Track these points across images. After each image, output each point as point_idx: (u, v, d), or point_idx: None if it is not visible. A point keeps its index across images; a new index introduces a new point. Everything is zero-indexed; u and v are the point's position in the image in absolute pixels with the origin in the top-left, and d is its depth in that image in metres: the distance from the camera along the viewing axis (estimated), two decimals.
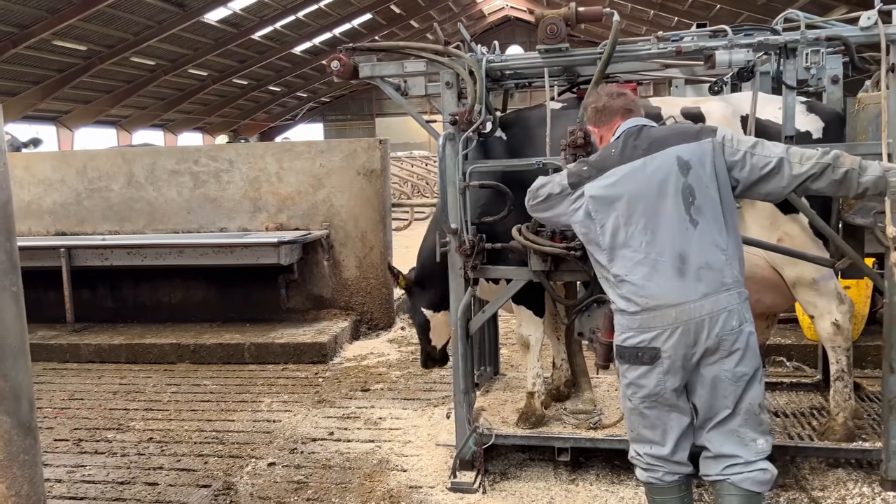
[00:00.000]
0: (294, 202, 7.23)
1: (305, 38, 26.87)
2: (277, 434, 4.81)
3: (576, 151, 3.37)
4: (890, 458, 3.54)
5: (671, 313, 2.73)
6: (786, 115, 3.47)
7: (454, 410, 4.01)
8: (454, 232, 3.77)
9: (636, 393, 2.88)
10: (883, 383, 3.57)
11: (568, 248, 3.51)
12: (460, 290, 3.89)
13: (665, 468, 2.93)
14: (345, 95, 38.46)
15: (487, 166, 3.80)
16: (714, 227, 2.77)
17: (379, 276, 7.20)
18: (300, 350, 6.42)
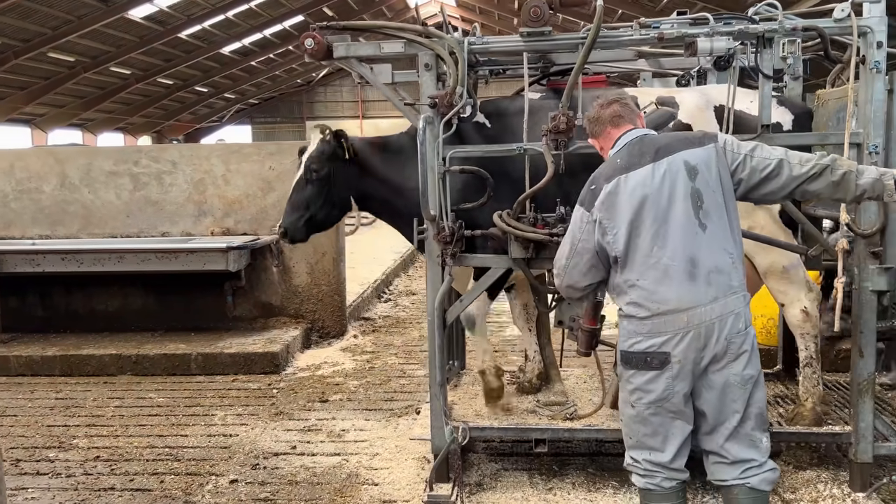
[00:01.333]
0: (242, 206, 6.96)
1: (235, 39, 26.13)
2: (236, 449, 4.58)
3: (557, 137, 3.42)
4: (859, 441, 3.62)
5: (683, 317, 2.75)
6: (762, 105, 3.51)
7: (430, 403, 3.88)
8: (433, 218, 3.65)
9: (641, 399, 2.86)
10: (852, 367, 3.66)
11: (550, 235, 3.48)
12: (437, 279, 3.77)
13: (664, 474, 2.91)
14: (274, 98, 37.65)
15: (467, 151, 3.70)
16: (721, 231, 2.80)
17: (331, 282, 7.00)
18: (251, 360, 6.16)
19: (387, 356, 6.60)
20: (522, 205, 3.62)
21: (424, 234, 3.76)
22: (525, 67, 3.79)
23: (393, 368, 6.22)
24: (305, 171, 4.14)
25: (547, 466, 4.17)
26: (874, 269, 3.51)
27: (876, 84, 3.39)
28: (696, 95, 3.92)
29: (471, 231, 3.71)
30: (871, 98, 3.40)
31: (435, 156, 3.61)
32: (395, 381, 5.88)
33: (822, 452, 4.14)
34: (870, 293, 3.53)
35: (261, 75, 31.66)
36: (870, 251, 3.50)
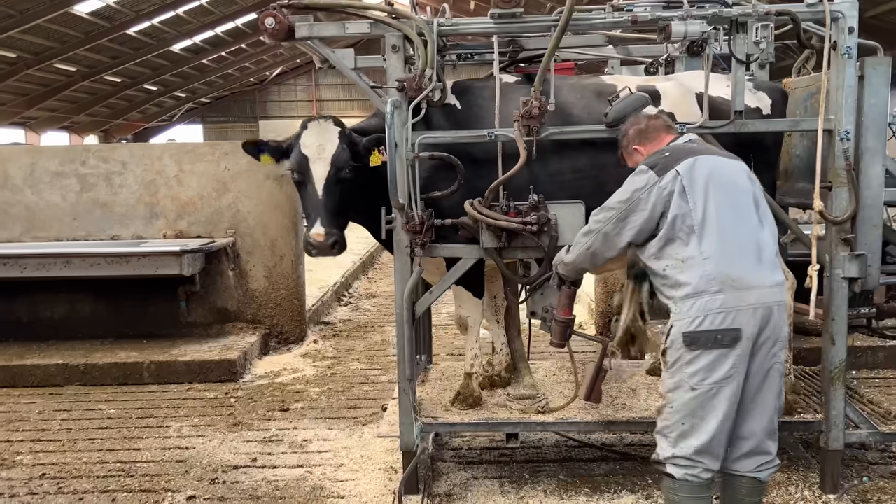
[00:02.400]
0: (196, 208, 6.71)
1: (185, 36, 25.48)
2: (193, 463, 4.37)
3: (530, 122, 3.37)
4: (831, 429, 3.62)
5: (753, 294, 2.81)
6: (735, 90, 3.49)
7: (398, 399, 3.75)
8: (401, 207, 3.52)
9: (705, 380, 2.81)
10: (823, 355, 3.66)
11: (524, 223, 3.40)
12: (406, 271, 3.65)
13: (705, 465, 2.87)
14: (226, 97, 36.92)
15: (437, 137, 3.58)
16: (771, 231, 3.00)
17: (290, 286, 6.80)
18: (207, 368, 5.92)
19: (349, 362, 6.44)
20: (494, 192, 3.52)
21: (392, 224, 3.61)
22: (496, 51, 3.68)
23: (355, 374, 6.06)
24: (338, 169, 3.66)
25: (518, 474, 4.07)
26: (845, 256, 3.51)
27: (847, 70, 3.38)
28: (675, 84, 3.90)
29: (441, 220, 3.58)
30: (843, 84, 3.40)
31: (403, 142, 3.48)
32: (358, 387, 5.72)
33: (790, 454, 4.14)
34: (841, 280, 3.53)
35: (213, 74, 31.00)
36: (841, 238, 3.50)
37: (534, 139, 3.43)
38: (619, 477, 4.00)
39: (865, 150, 3.46)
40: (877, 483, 3.81)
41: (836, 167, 3.46)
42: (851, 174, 3.43)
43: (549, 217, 3.45)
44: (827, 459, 3.69)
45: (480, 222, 3.49)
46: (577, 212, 3.51)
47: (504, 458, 4.28)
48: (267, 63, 32.67)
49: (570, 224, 3.48)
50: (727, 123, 3.48)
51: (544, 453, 4.35)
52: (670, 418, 2.92)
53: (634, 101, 3.47)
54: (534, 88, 3.40)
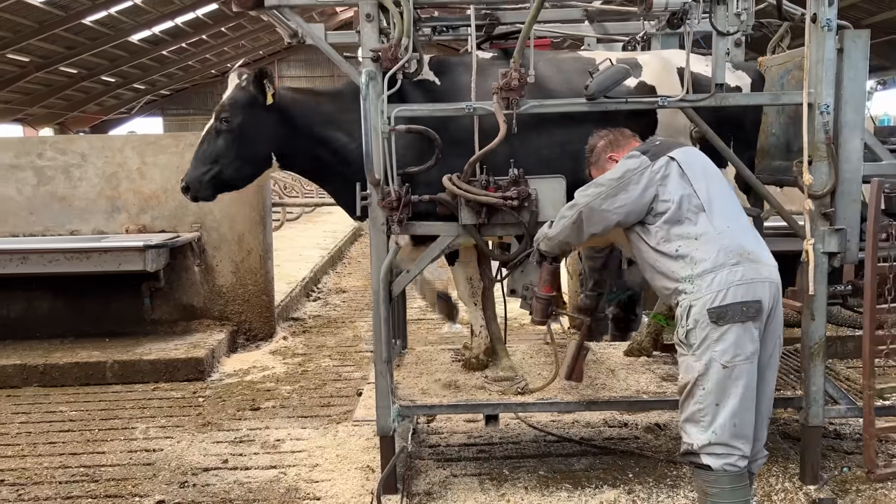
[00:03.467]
0: (159, 201, 6.50)
1: (144, 26, 24.85)
2: (161, 465, 4.21)
3: (509, 95, 3.29)
4: (811, 405, 3.62)
5: (765, 269, 2.86)
6: (715, 64, 3.44)
7: (375, 381, 3.62)
8: (377, 183, 3.40)
9: (738, 355, 2.76)
10: (803, 331, 3.65)
11: (504, 198, 3.32)
12: (382, 249, 3.53)
13: (741, 450, 2.82)
14: (187, 88, 36.18)
15: (413, 110, 3.46)
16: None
17: (258, 281, 6.63)
18: (173, 366, 5.74)
19: (320, 358, 6.31)
20: (473, 167, 3.42)
21: (368, 201, 3.49)
22: (472, 23, 3.58)
23: (327, 371, 5.93)
24: (216, 120, 3.72)
25: (497, 470, 4.00)
26: (825, 231, 3.49)
27: (827, 43, 3.35)
28: (656, 57, 3.87)
29: (418, 196, 3.47)
30: (823, 57, 3.37)
31: (378, 115, 3.37)
32: (330, 384, 5.60)
33: (770, 445, 4.13)
34: (821, 255, 3.52)
35: (172, 65, 30.33)
36: (821, 213, 3.49)
37: (513, 112, 3.34)
38: (600, 471, 3.96)
39: (844, 125, 3.45)
40: (854, 473, 3.82)
41: (815, 141, 3.43)
42: (831, 148, 3.41)
43: (529, 192, 3.37)
44: (807, 435, 3.67)
45: (459, 198, 3.39)
46: (557, 186, 3.44)
47: (483, 455, 4.21)
48: (229, 55, 32.07)
49: (551, 199, 3.41)
50: (708, 97, 3.43)
51: (523, 449, 4.29)
52: (703, 401, 2.81)
53: (616, 72, 3.39)
54: (513, 60, 3.31)
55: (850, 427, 4.45)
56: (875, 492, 3.67)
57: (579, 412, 4.45)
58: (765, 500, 3.60)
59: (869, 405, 3.46)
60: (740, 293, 2.77)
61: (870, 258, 3.39)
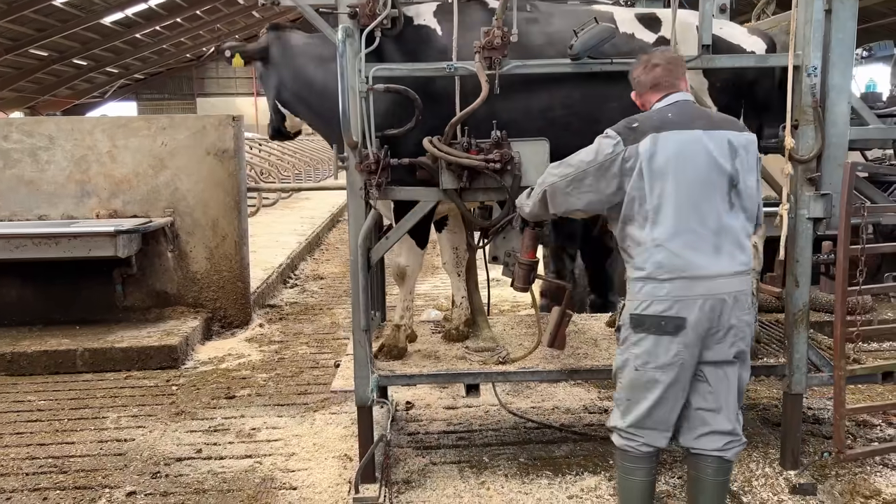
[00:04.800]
0: (131, 186, 6.33)
1: (117, 8, 24.37)
2: (132, 456, 4.10)
3: (491, 54, 3.19)
4: (794, 373, 3.61)
5: (703, 285, 2.75)
6: (702, 25, 3.38)
7: (353, 351, 3.53)
8: (355, 145, 3.30)
9: (648, 363, 2.82)
10: (787, 298, 3.63)
11: (486, 161, 3.23)
12: (360, 214, 3.42)
13: (644, 439, 2.90)
14: (162, 73, 35.62)
15: (392, 69, 3.35)
16: (745, 214, 2.87)
17: (233, 267, 6.50)
18: (146, 354, 5.61)
19: (297, 346, 6.20)
20: (454, 129, 3.32)
21: (345, 164, 3.38)
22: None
23: (304, 359, 5.83)
24: None
25: (477, 458, 3.95)
26: (810, 196, 3.47)
27: (815, 3, 3.32)
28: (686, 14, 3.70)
29: (397, 160, 3.36)
30: (811, 18, 3.33)
31: (356, 74, 3.25)
32: (307, 372, 5.50)
33: (750, 430, 4.12)
34: (806, 220, 3.50)
35: (146, 49, 29.81)
36: (806, 178, 3.46)
37: (496, 73, 3.24)
38: (580, 458, 3.92)
39: (832, 88, 3.41)
40: (834, 458, 3.82)
41: (802, 104, 3.40)
42: (818, 111, 3.38)
43: (512, 155, 3.28)
44: (789, 403, 3.66)
45: (440, 160, 3.29)
46: (540, 150, 3.34)
47: (463, 442, 4.15)
48: (204, 38, 31.58)
49: (534, 163, 3.32)
50: (695, 58, 3.36)
51: (503, 436, 4.24)
52: (619, 393, 2.97)
53: (601, 31, 3.28)
54: (496, 17, 3.21)
55: (828, 412, 4.46)
56: (854, 476, 3.67)
57: (559, 404, 4.40)
58: (745, 485, 3.59)
59: (840, 386, 3.45)
60: (661, 308, 2.77)
61: (842, 240, 3.36)
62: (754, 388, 4.81)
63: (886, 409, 4.17)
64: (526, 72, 3.36)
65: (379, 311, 4.54)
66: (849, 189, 3.27)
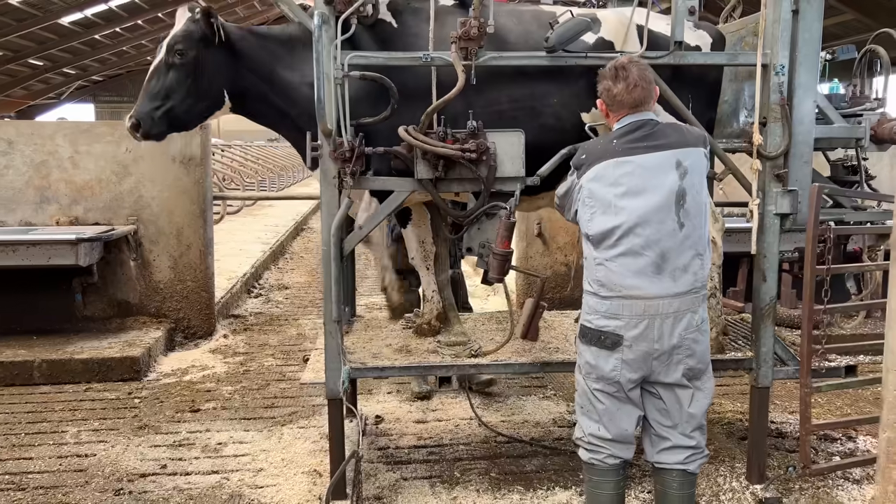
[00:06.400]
0: (93, 192, 6.19)
1: (75, 8, 23.81)
2: (94, 472, 3.99)
3: (468, 45, 3.20)
4: (761, 366, 3.68)
5: (641, 305, 2.80)
6: (675, 20, 3.43)
7: (325, 342, 3.47)
8: (329, 133, 3.25)
9: (591, 374, 2.92)
10: (754, 293, 3.69)
11: (462, 150, 3.23)
12: (333, 204, 3.38)
13: (608, 451, 2.95)
14: (121, 75, 34.82)
15: (367, 57, 3.32)
16: (696, 231, 2.87)
17: (198, 277, 6.39)
18: (107, 366, 5.47)
19: (262, 357, 6.11)
20: (430, 118, 3.31)
21: (319, 152, 3.34)
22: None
23: (270, 371, 5.75)
24: (168, 54, 3.51)
25: (448, 473, 3.94)
26: (778, 192, 3.54)
27: (783, 3, 3.41)
28: (616, 13, 3.81)
29: (372, 149, 3.32)
30: (779, 17, 3.42)
31: (331, 61, 3.22)
32: (273, 385, 5.43)
33: (717, 445, 4.19)
34: (773, 216, 3.57)
35: (106, 50, 29.15)
36: (774, 174, 3.53)
37: (472, 63, 3.24)
38: (551, 473, 3.93)
39: (799, 86, 3.49)
40: (798, 472, 3.89)
41: (770, 102, 3.48)
42: (785, 109, 3.46)
43: (488, 145, 3.28)
44: (756, 397, 3.73)
45: (416, 149, 3.27)
46: (516, 141, 3.35)
47: (433, 457, 4.14)
48: None
49: (509, 154, 3.34)
50: (667, 54, 3.42)
51: (474, 450, 4.23)
52: (578, 400, 3.05)
53: (576, 24, 3.33)
54: (473, 8, 3.21)
55: (790, 426, 4.55)
56: (818, 490, 3.75)
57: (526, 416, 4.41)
58: (713, 500, 3.64)
59: (806, 403, 3.53)
60: (600, 323, 2.85)
61: (808, 261, 3.45)
62: (719, 403, 4.89)
63: (850, 425, 4.27)
64: (502, 63, 3.37)
65: (349, 305, 4.50)
66: (816, 212, 3.35)
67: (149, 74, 3.57)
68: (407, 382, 5.20)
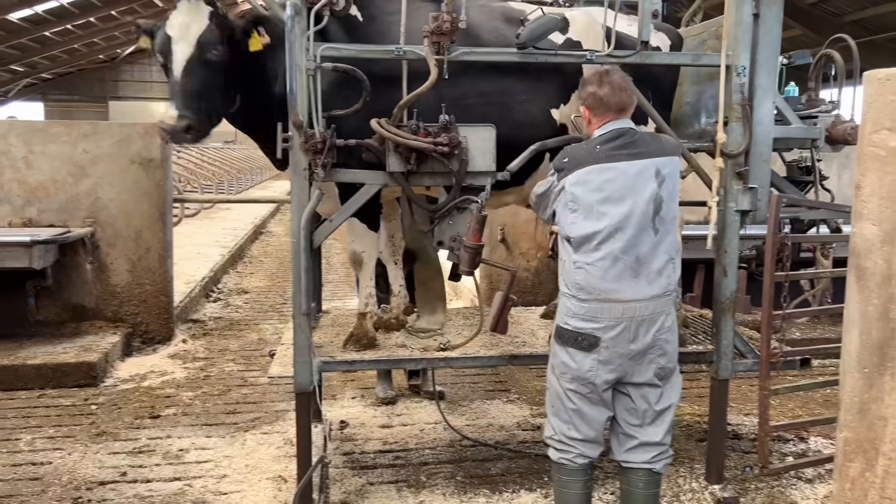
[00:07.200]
0: (48, 194, 6.03)
1: (25, 5, 23.16)
2: (50, 480, 3.89)
3: (440, 39, 3.22)
4: (721, 359, 3.78)
5: (619, 308, 2.88)
6: (641, 21, 3.50)
7: (293, 336, 3.43)
8: (300, 125, 3.24)
9: (565, 374, 2.97)
10: (715, 287, 3.80)
11: (434, 143, 3.25)
12: (304, 196, 3.36)
13: (578, 450, 3.02)
14: (72, 73, 33.99)
15: (340, 49, 3.32)
16: (669, 237, 2.97)
17: (157, 281, 6.27)
18: (62, 371, 5.33)
19: (223, 363, 6.03)
20: (402, 112, 3.32)
21: (289, 143, 3.31)
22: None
23: (232, 376, 5.68)
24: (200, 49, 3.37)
25: (414, 477, 3.95)
26: (738, 190, 3.65)
27: (745, 7, 3.52)
28: (584, 14, 3.88)
29: (344, 141, 3.31)
30: (741, 20, 3.53)
31: (303, 52, 3.22)
32: (235, 390, 5.36)
33: (677, 447, 4.28)
34: (734, 213, 3.68)
35: (56, 48, 28.39)
36: (735, 172, 3.64)
37: (444, 58, 3.27)
38: (516, 475, 3.98)
39: (758, 87, 3.61)
40: (755, 473, 4.01)
41: (732, 102, 3.59)
42: (746, 109, 3.58)
43: (460, 139, 3.31)
44: (716, 389, 3.83)
45: (388, 142, 3.28)
46: (487, 136, 3.40)
47: (399, 461, 4.14)
48: (120, 40, 30.39)
49: (480, 149, 3.38)
50: (633, 53, 3.50)
51: (439, 454, 4.25)
52: (547, 397, 3.11)
53: (547, 22, 3.38)
54: (445, 2, 3.23)
55: (746, 427, 4.69)
56: (772, 489, 3.87)
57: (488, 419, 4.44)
58: (674, 500, 3.73)
59: (764, 405, 3.64)
60: (578, 325, 2.92)
61: (768, 270, 3.57)
62: (678, 405, 4.98)
63: (806, 426, 4.41)
64: (473, 59, 3.41)
65: (315, 301, 4.47)
66: (775, 220, 3.47)
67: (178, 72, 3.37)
68: (371, 387, 5.20)
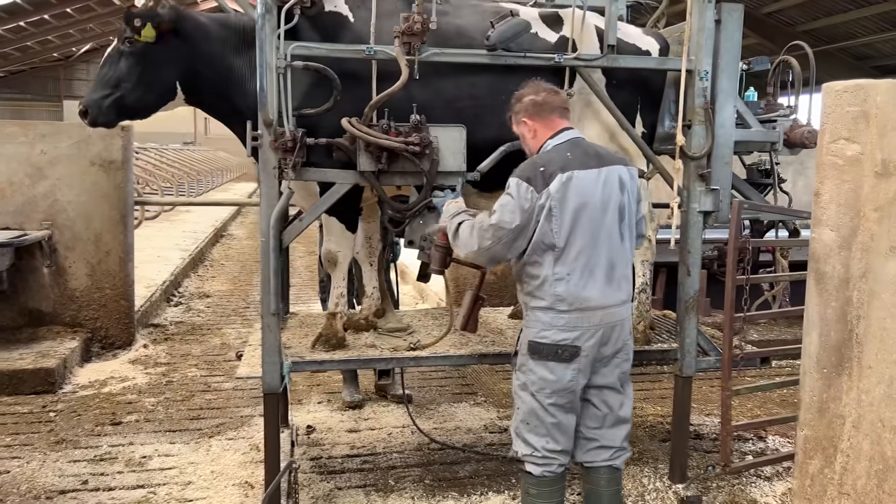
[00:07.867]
0: (3, 196, 5.88)
1: None
2: (8, 489, 3.79)
3: (411, 40, 3.23)
4: (685, 356, 3.86)
5: (598, 315, 2.93)
6: (608, 25, 3.57)
7: (262, 336, 3.39)
8: (270, 123, 3.22)
9: (544, 388, 2.95)
10: (679, 286, 3.88)
11: (406, 143, 3.26)
12: (273, 195, 3.34)
13: (559, 461, 3.03)
14: (24, 71, 33.12)
15: (310, 48, 3.31)
16: (630, 244, 3.04)
17: (117, 285, 6.16)
18: (18, 378, 5.19)
19: (185, 368, 5.94)
20: (373, 111, 3.32)
21: (259, 142, 3.29)
22: None
23: (195, 382, 5.60)
24: (120, 42, 3.47)
25: (383, 481, 3.95)
26: (701, 191, 3.74)
27: (707, 13, 3.61)
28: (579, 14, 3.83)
29: (314, 140, 3.31)
30: (704, 26, 3.63)
31: (273, 51, 3.20)
32: (199, 396, 5.29)
33: (641, 447, 4.37)
34: (697, 213, 3.77)
35: (8, 45, 27.62)
36: (698, 174, 3.73)
37: (415, 59, 3.28)
38: (484, 478, 4.01)
39: (720, 91, 3.70)
40: (716, 472, 4.10)
41: (695, 105, 3.68)
42: (709, 112, 3.67)
43: (431, 139, 3.32)
44: (680, 386, 3.91)
45: (359, 141, 3.28)
46: (457, 136, 3.42)
47: (367, 466, 4.14)
48: (74, 38, 29.71)
49: (451, 149, 3.41)
50: (601, 57, 3.56)
51: (407, 458, 4.26)
52: (519, 416, 3.06)
53: (517, 24, 3.41)
54: (416, 3, 3.25)
55: (707, 428, 4.79)
56: (733, 487, 3.96)
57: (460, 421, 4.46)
58: (639, 499, 3.80)
59: (727, 405, 3.73)
60: (559, 337, 2.91)
61: (730, 272, 3.66)
62: (641, 407, 5.09)
63: (767, 425, 4.52)
64: (444, 60, 3.42)
65: (283, 302, 4.42)
66: (737, 226, 3.56)
67: (102, 61, 3.52)
68: (337, 392, 5.18)
